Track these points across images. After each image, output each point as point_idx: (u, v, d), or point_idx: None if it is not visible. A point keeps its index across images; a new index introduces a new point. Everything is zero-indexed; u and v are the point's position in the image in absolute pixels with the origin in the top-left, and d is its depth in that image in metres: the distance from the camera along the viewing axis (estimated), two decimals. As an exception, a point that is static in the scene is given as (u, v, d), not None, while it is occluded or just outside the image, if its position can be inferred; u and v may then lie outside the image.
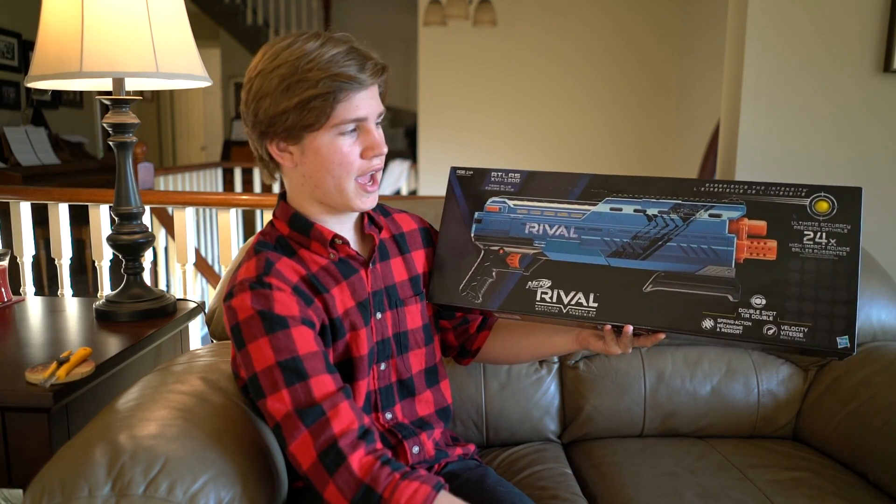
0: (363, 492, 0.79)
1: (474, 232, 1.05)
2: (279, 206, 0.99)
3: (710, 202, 0.94)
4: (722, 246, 0.92)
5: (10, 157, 4.24)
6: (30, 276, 2.34)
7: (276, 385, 0.83)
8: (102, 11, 1.31)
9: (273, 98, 0.88)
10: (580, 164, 5.19)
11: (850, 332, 0.85)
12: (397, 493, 0.78)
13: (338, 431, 0.81)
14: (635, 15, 5.00)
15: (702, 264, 0.92)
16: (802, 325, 0.87)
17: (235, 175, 5.65)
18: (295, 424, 0.82)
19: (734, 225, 0.92)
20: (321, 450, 0.81)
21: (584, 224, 0.99)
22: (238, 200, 2.26)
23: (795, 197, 0.91)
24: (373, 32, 6.88)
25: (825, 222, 0.89)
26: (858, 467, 1.27)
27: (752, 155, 1.75)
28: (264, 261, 0.91)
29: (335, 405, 0.83)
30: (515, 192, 1.05)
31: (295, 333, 0.86)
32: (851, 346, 0.84)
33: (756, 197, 0.92)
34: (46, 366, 1.15)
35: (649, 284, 0.93)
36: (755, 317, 0.89)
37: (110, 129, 1.43)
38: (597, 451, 1.36)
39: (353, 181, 0.92)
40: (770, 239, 0.90)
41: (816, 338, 0.86)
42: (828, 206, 0.89)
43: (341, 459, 0.80)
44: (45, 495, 0.76)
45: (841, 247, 0.87)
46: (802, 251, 0.89)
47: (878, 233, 1.74)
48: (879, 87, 1.70)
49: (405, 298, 1.04)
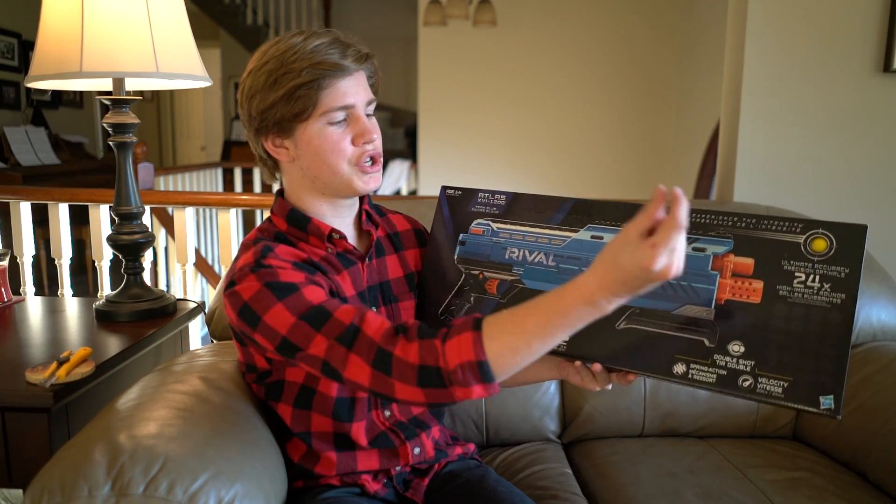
0: (424, 374, 0.77)
1: (457, 254, 1.03)
2: (276, 203, 1.00)
3: (696, 234, 0.85)
4: (703, 284, 0.83)
5: (10, 157, 4.25)
6: (30, 276, 2.34)
7: (308, 335, 0.83)
8: (102, 11, 1.31)
9: (262, 94, 0.90)
10: (580, 165, 5.19)
11: (837, 391, 0.75)
12: (448, 357, 0.76)
13: (375, 336, 0.80)
14: (635, 15, 5.00)
15: (679, 302, 0.84)
16: (782, 378, 0.78)
17: (235, 175, 5.65)
18: (339, 351, 0.81)
19: (719, 261, 0.83)
20: (370, 360, 0.80)
21: (562, 252, 0.94)
22: (238, 200, 2.26)
23: (789, 233, 0.81)
24: (373, 32, 6.90)
25: (820, 263, 0.79)
26: (858, 467, 1.27)
27: (752, 155, 1.75)
28: (262, 247, 0.91)
29: (363, 317, 0.82)
30: (500, 214, 1.01)
31: (306, 292, 0.85)
32: (836, 408, 0.75)
33: (745, 231, 0.83)
34: (46, 366, 1.15)
35: (623, 321, 0.87)
36: (731, 365, 0.81)
37: (110, 129, 1.43)
38: (597, 450, 1.36)
39: (349, 165, 0.93)
40: (756, 279, 0.81)
41: (796, 394, 0.77)
42: (825, 244, 0.79)
43: (389, 357, 0.79)
44: (45, 495, 0.76)
45: (836, 293, 0.77)
46: (791, 295, 0.79)
47: (878, 233, 1.74)
48: (879, 87, 1.70)
49: (399, 295, 1.04)
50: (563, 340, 0.80)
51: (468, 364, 0.76)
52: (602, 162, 5.19)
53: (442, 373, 0.76)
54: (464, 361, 0.76)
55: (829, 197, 1.74)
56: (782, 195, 1.75)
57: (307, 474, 1.00)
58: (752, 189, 1.76)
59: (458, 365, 0.76)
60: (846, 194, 1.74)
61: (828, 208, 1.74)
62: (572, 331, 0.74)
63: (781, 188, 1.75)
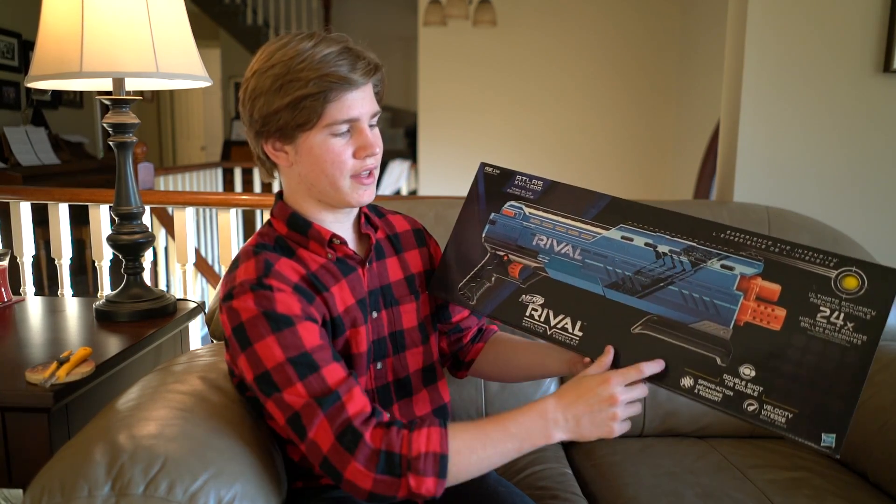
0: (384, 459, 0.80)
1: (486, 233, 1.02)
2: (277, 206, 0.99)
3: (727, 252, 0.84)
4: (726, 302, 0.83)
5: (10, 157, 4.25)
6: (30, 276, 2.35)
7: (290, 380, 0.84)
8: (102, 11, 1.31)
9: (267, 97, 0.89)
10: (580, 165, 5.19)
11: (841, 431, 0.74)
12: (413, 445, 0.81)
13: (352, 413, 0.83)
14: (635, 15, 5.01)
15: (699, 317, 0.84)
16: (788, 409, 0.77)
17: (235, 175, 5.65)
18: (314, 412, 0.83)
19: (745, 282, 0.83)
20: (338, 432, 0.82)
21: (590, 247, 0.93)
22: (238, 200, 2.26)
23: (822, 266, 0.79)
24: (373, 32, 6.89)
25: (847, 301, 0.77)
26: (858, 467, 1.27)
27: (752, 155, 1.75)
28: (263, 262, 0.90)
29: (349, 390, 0.84)
30: (534, 200, 1.00)
31: (301, 330, 0.86)
32: (837, 447, 0.74)
33: (778, 256, 0.82)
34: (46, 366, 1.15)
35: (639, 326, 0.87)
36: (739, 387, 0.80)
37: (110, 129, 1.43)
38: (597, 450, 1.36)
39: (348, 178, 0.92)
40: (780, 306, 0.80)
41: (799, 426, 0.76)
42: (857, 283, 0.77)
43: (358, 437, 0.81)
44: (45, 495, 0.76)
45: (858, 333, 0.76)
46: (812, 328, 0.78)
47: (878, 233, 1.74)
48: (879, 87, 1.70)
49: (400, 297, 1.04)
50: (517, 451, 0.84)
51: (432, 454, 0.80)
52: (602, 162, 5.19)
53: (402, 460, 0.80)
54: (428, 451, 0.80)
55: (830, 197, 1.75)
56: (782, 195, 1.75)
57: (307, 474, 1.00)
58: (752, 189, 1.76)
59: (422, 453, 0.80)
60: (846, 194, 1.74)
61: (828, 208, 1.74)
62: (524, 442, 0.82)
63: (781, 188, 1.75)
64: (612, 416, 0.81)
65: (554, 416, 0.81)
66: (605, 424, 0.82)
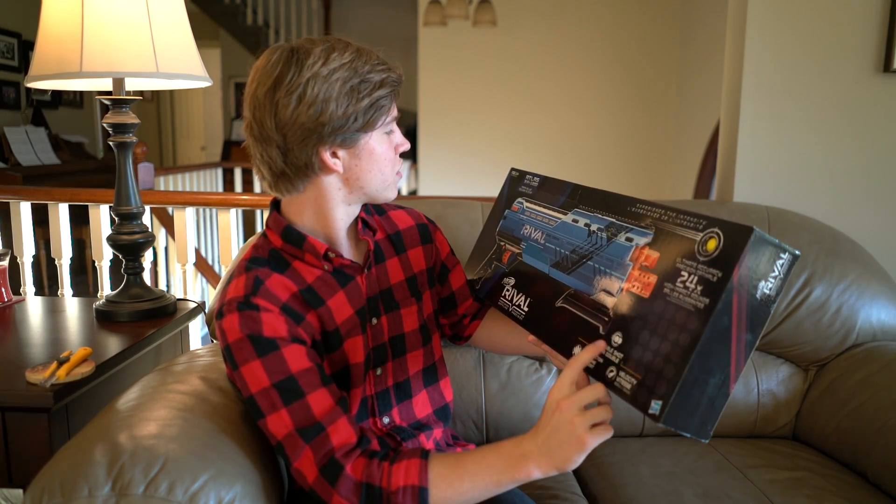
0: (365, 491, 0.81)
1: (499, 228, 1.12)
2: (272, 217, 0.97)
3: (631, 224, 0.85)
4: (618, 272, 0.83)
5: (10, 157, 4.25)
6: (30, 276, 2.35)
7: (275, 405, 0.84)
8: (102, 11, 1.31)
9: (338, 101, 0.86)
10: (579, 165, 5.19)
11: (667, 398, 0.70)
12: (393, 478, 0.81)
13: (336, 445, 0.83)
14: (635, 15, 5.01)
15: (597, 288, 0.86)
16: (634, 376, 0.75)
17: (235, 175, 5.65)
18: (297, 442, 0.83)
19: (636, 252, 0.82)
20: (321, 464, 0.82)
21: (551, 231, 0.99)
22: (238, 200, 2.26)
23: (692, 230, 0.77)
24: (373, 32, 6.91)
25: (703, 264, 0.73)
26: (858, 467, 1.27)
27: (752, 155, 1.75)
28: (253, 279, 0.89)
29: (334, 420, 0.84)
30: (531, 195, 1.08)
31: (286, 353, 0.85)
32: (661, 415, 0.70)
33: (665, 224, 0.81)
34: (46, 366, 1.15)
35: (560, 300, 0.91)
36: (607, 355, 0.79)
37: (110, 129, 1.43)
38: (597, 450, 1.36)
39: (394, 174, 0.96)
40: (654, 273, 0.79)
41: (638, 395, 0.74)
42: (715, 245, 0.73)
43: (339, 470, 0.82)
44: (45, 495, 0.76)
45: (703, 297, 0.71)
46: (671, 293, 0.75)
47: (877, 233, 1.74)
48: (879, 87, 1.70)
49: (401, 300, 1.03)
50: (496, 484, 0.82)
51: (411, 488, 0.80)
52: (602, 162, 5.19)
53: (383, 493, 0.81)
54: (407, 485, 0.81)
55: (830, 197, 1.74)
56: (782, 195, 1.75)
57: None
58: (752, 189, 1.76)
59: (401, 487, 0.81)
60: (847, 194, 1.74)
61: (828, 208, 1.74)
62: (503, 474, 0.81)
63: (781, 188, 1.75)
64: (578, 437, 0.77)
65: (526, 444, 0.80)
66: (572, 441, 0.77)
